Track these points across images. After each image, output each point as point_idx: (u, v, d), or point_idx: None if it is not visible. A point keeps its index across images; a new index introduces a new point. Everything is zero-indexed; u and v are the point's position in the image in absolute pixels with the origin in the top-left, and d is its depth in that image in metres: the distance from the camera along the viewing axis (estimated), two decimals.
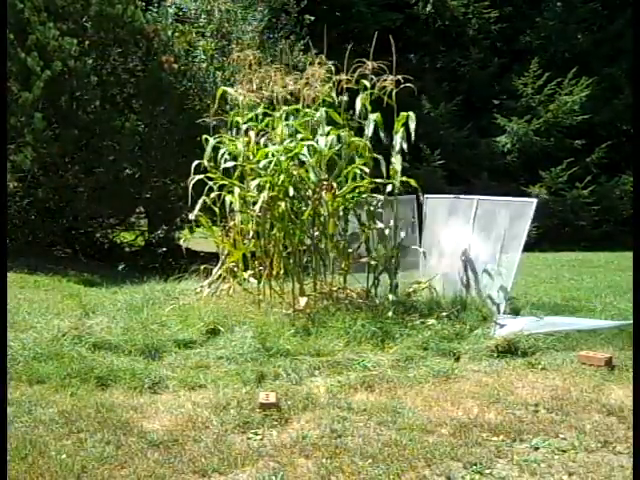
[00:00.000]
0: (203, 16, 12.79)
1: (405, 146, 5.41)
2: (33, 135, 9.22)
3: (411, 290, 5.70)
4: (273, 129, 5.85)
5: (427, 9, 15.68)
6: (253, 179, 5.63)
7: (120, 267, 10.01)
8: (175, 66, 10.93)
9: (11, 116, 9.11)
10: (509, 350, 4.49)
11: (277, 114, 5.79)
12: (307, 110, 5.74)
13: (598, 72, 14.68)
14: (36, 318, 5.26)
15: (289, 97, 5.88)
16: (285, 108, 5.80)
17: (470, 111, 15.67)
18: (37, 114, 9.09)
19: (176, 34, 11.94)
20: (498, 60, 15.68)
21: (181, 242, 12.42)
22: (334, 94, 5.81)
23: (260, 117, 5.97)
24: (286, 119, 5.78)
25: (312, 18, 13.61)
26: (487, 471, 2.79)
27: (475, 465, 2.82)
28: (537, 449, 3.01)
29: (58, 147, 9.74)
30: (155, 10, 12.21)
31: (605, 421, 3.32)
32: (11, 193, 10.17)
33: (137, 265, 10.38)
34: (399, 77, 5.43)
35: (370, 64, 5.47)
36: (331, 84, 5.76)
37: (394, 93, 5.45)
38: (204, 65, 12.00)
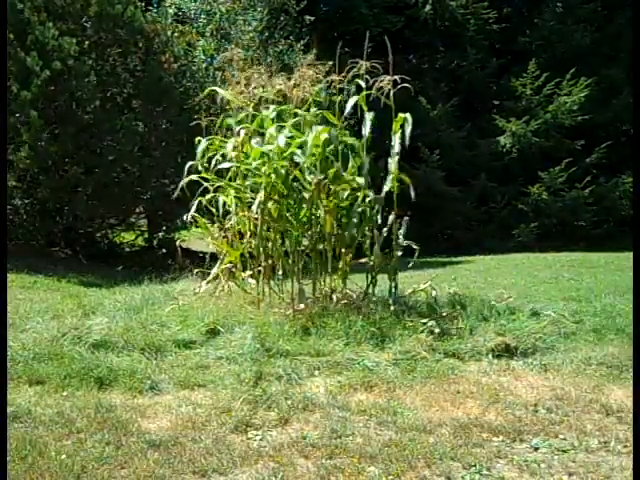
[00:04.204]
0: (203, 16, 12.81)
1: (398, 149, 5.40)
2: (31, 134, 9.22)
3: (410, 290, 5.69)
4: (264, 128, 5.82)
5: (426, 9, 15.67)
6: (247, 180, 5.63)
7: (119, 267, 10.02)
8: (175, 66, 10.94)
9: (10, 115, 9.12)
10: (509, 350, 4.49)
11: (268, 114, 5.78)
12: (297, 110, 5.74)
13: (597, 72, 14.69)
14: (36, 318, 5.26)
15: (278, 98, 5.87)
16: (273, 107, 5.79)
17: (469, 112, 15.68)
18: (33, 112, 9.08)
19: (176, 34, 11.96)
20: (497, 61, 15.69)
21: (180, 242, 12.40)
22: (324, 94, 5.81)
23: (251, 117, 5.96)
24: (277, 119, 5.77)
25: (312, 18, 13.63)
26: (487, 471, 2.79)
27: (475, 465, 2.82)
28: (537, 449, 3.01)
29: (58, 147, 9.75)
30: (155, 10, 12.23)
31: (605, 421, 3.32)
32: (11, 193, 10.17)
33: (137, 265, 10.37)
34: (396, 77, 5.42)
35: (364, 64, 5.44)
36: (322, 85, 5.75)
37: (392, 94, 5.44)
38: (204, 65, 12.01)
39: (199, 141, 5.97)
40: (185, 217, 5.93)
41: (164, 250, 12.38)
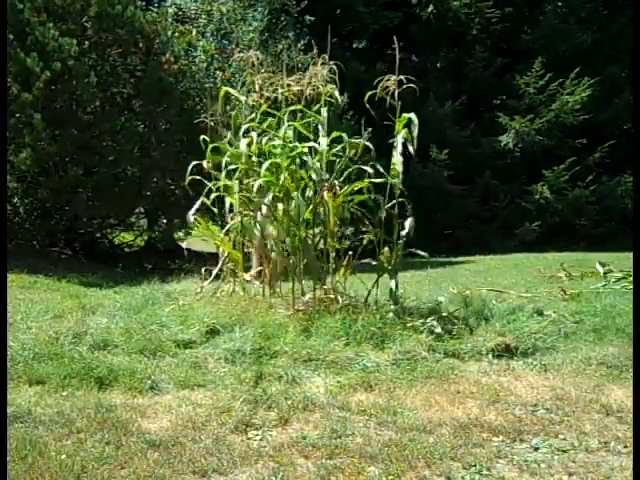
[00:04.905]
0: (203, 16, 12.80)
1: (411, 149, 5.37)
2: (32, 136, 9.22)
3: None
4: (277, 129, 5.84)
5: (429, 9, 15.68)
6: (254, 180, 5.63)
7: (119, 267, 10.04)
8: (175, 67, 10.93)
9: (10, 116, 9.12)
10: (509, 350, 4.49)
11: (281, 113, 5.79)
12: (309, 111, 5.74)
13: (599, 71, 14.70)
14: (36, 318, 5.27)
15: (291, 97, 5.88)
16: (288, 108, 5.80)
17: (473, 110, 15.67)
18: (36, 115, 9.09)
19: (176, 34, 11.96)
20: (502, 60, 15.67)
21: (180, 242, 12.39)
22: (337, 94, 5.80)
23: (262, 118, 5.97)
24: (289, 120, 5.77)
25: (312, 18, 13.63)
26: (487, 471, 2.79)
27: (475, 465, 2.82)
28: (537, 449, 3.01)
29: (58, 147, 9.74)
30: (155, 10, 12.23)
31: (605, 421, 3.32)
32: (11, 193, 10.18)
33: (137, 265, 10.38)
34: (402, 77, 5.42)
35: None
36: (334, 85, 5.75)
37: (396, 93, 5.44)
38: (204, 65, 12.01)
39: (204, 140, 5.97)
40: (189, 218, 5.94)
41: (164, 250, 12.39)
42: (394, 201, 5.45)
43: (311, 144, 5.45)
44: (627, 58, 14.05)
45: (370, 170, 5.38)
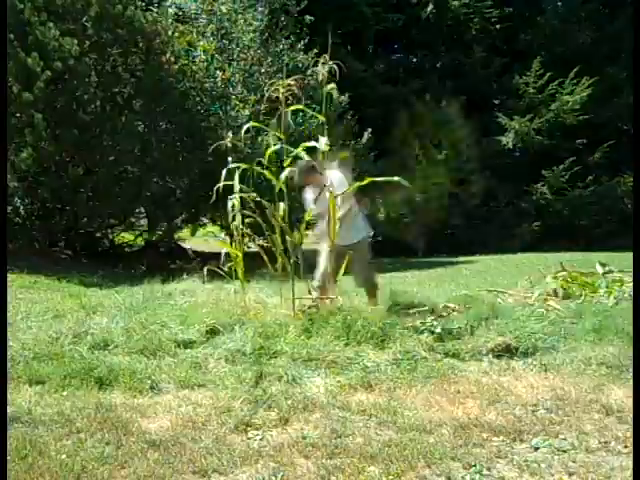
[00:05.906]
0: (203, 16, 12.81)
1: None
2: (33, 135, 9.23)
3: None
4: (278, 127, 5.82)
5: (428, 9, 15.68)
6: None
7: (120, 267, 10.04)
8: (175, 66, 10.94)
9: (11, 116, 9.12)
10: (509, 350, 4.49)
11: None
12: (310, 110, 5.74)
13: (598, 72, 14.71)
14: (36, 318, 5.27)
15: (290, 98, 5.87)
16: (289, 108, 5.79)
17: (472, 110, 15.68)
18: (37, 114, 9.09)
19: (176, 34, 11.96)
20: (501, 59, 15.67)
21: (181, 242, 12.39)
22: (336, 93, 5.80)
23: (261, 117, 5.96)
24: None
25: (312, 18, 13.63)
26: (487, 471, 2.78)
27: (475, 465, 2.82)
28: (537, 449, 3.00)
29: (58, 147, 9.75)
30: (155, 10, 12.23)
31: (605, 421, 3.32)
32: (11, 193, 10.18)
33: (137, 265, 10.38)
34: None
35: None
36: (334, 84, 5.75)
37: None
38: (204, 65, 12.02)
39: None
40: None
41: (164, 250, 12.39)
42: None
43: (311, 143, 5.45)
44: (627, 58, 14.07)
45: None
